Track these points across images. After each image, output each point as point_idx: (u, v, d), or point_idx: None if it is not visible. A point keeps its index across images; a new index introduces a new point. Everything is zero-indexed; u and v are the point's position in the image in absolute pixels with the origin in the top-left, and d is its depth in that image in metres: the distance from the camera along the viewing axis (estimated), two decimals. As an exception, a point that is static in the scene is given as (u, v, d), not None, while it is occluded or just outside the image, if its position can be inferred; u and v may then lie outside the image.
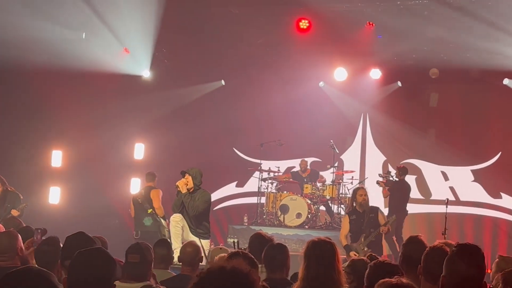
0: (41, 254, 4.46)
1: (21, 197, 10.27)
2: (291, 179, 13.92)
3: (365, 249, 9.14)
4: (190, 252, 5.67)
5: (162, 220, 10.51)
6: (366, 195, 9.64)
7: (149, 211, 9.81)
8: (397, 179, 12.54)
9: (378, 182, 12.77)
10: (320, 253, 4.26)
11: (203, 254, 6.08)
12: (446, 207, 10.93)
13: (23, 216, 9.99)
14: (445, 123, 14.49)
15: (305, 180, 13.60)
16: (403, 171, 12.54)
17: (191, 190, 9.40)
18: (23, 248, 5.01)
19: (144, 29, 13.04)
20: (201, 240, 9.06)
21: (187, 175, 9.42)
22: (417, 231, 13.08)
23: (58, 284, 2.63)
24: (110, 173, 13.84)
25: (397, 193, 12.33)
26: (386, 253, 11.73)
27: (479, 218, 14.26)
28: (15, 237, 5.00)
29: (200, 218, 9.45)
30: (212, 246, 9.11)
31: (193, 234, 9.34)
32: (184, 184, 9.40)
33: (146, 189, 10.86)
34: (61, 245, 4.53)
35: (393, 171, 12.98)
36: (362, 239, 9.41)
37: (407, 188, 12.57)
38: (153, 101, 14.49)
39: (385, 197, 12.74)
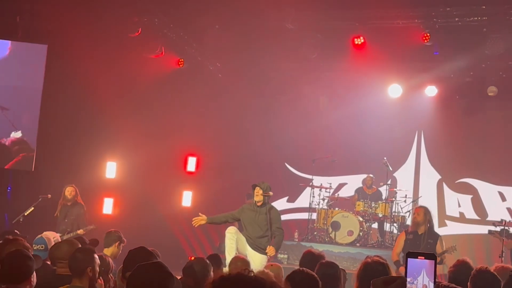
0: (73, 260, 4.55)
1: (85, 209, 10.68)
2: (355, 197, 13.70)
3: None
4: (240, 266, 5.69)
5: None
6: (419, 214, 9.02)
7: None
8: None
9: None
10: (372, 274, 4.19)
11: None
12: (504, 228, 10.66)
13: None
14: (503, 143, 14.14)
15: (369, 197, 13.25)
16: None
17: (259, 204, 9.20)
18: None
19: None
20: (259, 255, 8.89)
21: (258, 188, 9.14)
22: (473, 252, 12.84)
23: None
24: (163, 185, 13.98)
25: None
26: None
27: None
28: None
29: (265, 232, 9.11)
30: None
31: (251, 247, 9.02)
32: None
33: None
34: (96, 256, 4.65)
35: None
36: None
37: None
38: (207, 115, 14.61)
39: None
